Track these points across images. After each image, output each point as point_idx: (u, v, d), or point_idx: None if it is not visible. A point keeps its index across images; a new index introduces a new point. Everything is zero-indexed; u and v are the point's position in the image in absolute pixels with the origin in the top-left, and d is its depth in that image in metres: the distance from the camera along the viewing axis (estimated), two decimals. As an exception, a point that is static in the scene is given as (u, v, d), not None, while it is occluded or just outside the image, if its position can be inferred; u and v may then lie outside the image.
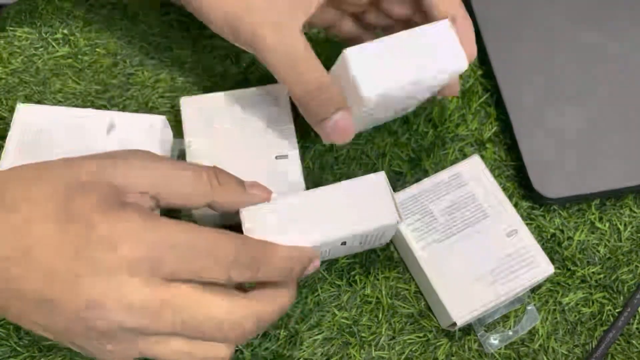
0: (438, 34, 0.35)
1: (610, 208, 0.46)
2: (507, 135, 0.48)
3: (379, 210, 0.35)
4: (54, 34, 0.49)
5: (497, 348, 0.42)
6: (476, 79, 0.49)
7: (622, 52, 0.48)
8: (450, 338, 0.42)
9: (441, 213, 0.41)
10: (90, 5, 0.50)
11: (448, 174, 0.42)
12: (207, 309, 0.29)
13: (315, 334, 0.42)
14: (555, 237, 0.45)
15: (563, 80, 0.47)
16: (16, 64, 0.48)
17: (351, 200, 0.35)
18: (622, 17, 0.49)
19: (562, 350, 0.42)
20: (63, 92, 0.47)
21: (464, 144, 0.47)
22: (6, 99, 0.47)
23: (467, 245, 0.41)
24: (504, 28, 0.49)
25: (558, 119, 0.46)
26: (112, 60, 0.48)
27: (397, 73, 0.34)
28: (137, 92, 0.47)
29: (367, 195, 0.36)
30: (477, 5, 0.49)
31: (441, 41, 0.35)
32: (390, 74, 0.34)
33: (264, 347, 0.42)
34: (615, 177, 0.45)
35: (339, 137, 0.37)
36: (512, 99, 0.47)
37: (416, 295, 0.43)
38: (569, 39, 0.48)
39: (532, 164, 0.45)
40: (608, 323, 0.43)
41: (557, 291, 0.44)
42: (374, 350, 0.42)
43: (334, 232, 0.35)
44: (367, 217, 0.35)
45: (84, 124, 0.40)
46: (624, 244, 0.45)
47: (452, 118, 0.48)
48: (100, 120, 0.40)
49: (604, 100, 0.47)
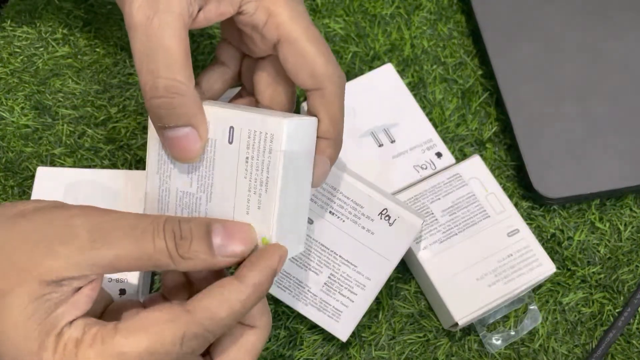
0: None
1: (610, 208, 0.46)
2: (507, 135, 0.48)
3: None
4: (54, 34, 0.49)
5: (499, 348, 0.42)
6: (476, 79, 0.49)
7: (622, 52, 0.48)
8: (450, 338, 0.42)
9: (442, 213, 0.41)
10: (90, 5, 0.50)
11: (448, 174, 0.42)
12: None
13: (315, 333, 0.42)
14: (555, 237, 0.45)
15: (563, 80, 0.47)
16: (16, 64, 0.48)
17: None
18: (623, 17, 0.49)
19: (562, 350, 0.42)
20: (63, 92, 0.47)
21: (464, 144, 0.47)
22: (6, 99, 0.47)
23: (468, 245, 0.41)
24: (504, 28, 0.49)
25: (558, 119, 0.46)
26: (112, 60, 0.48)
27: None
28: (137, 92, 0.47)
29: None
30: (477, 5, 0.49)
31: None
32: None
33: (264, 347, 0.42)
34: (615, 177, 0.45)
35: (179, 154, 0.31)
36: (512, 99, 0.47)
37: (416, 295, 0.43)
38: (569, 39, 0.48)
39: (532, 164, 0.45)
40: (608, 323, 0.43)
41: (557, 291, 0.44)
42: (374, 350, 0.42)
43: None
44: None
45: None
46: (624, 244, 0.45)
47: (452, 118, 0.48)
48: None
49: (604, 100, 0.47)
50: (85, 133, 0.46)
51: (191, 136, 0.31)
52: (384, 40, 0.50)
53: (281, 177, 0.30)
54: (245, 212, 0.31)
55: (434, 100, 0.48)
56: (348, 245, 0.37)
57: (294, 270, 0.38)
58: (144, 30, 0.29)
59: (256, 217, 0.31)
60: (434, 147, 0.43)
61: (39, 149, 0.45)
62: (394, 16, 0.51)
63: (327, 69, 0.32)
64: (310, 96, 0.33)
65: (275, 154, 0.30)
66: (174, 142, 0.31)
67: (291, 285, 0.38)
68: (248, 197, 0.31)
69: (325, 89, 0.32)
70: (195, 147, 0.31)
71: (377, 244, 0.37)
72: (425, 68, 0.49)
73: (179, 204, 0.33)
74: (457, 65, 0.50)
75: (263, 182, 0.30)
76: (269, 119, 0.30)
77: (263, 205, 0.30)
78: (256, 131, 0.30)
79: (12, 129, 0.46)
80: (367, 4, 0.51)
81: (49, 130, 0.46)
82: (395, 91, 0.45)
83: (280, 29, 0.32)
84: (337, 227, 0.37)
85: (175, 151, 0.31)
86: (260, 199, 0.30)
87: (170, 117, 0.30)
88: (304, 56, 0.32)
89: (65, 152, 0.45)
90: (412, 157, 0.43)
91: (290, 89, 0.35)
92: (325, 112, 0.33)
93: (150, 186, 0.33)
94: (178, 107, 0.30)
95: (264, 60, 0.35)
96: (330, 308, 0.38)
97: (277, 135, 0.30)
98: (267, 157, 0.30)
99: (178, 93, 0.30)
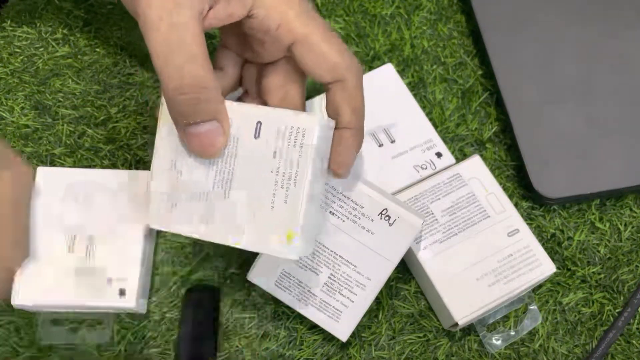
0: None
1: (610, 208, 0.46)
2: (507, 135, 0.48)
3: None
4: (54, 34, 0.49)
5: (499, 348, 0.42)
6: (476, 79, 0.49)
7: (623, 52, 0.48)
8: (450, 338, 0.42)
9: (442, 213, 0.41)
10: (90, 5, 0.50)
11: (448, 174, 0.42)
12: None
13: (315, 333, 0.42)
14: (555, 237, 0.45)
15: (563, 80, 0.47)
16: (16, 63, 0.48)
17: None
18: (623, 17, 0.49)
19: (562, 350, 0.42)
20: (63, 92, 0.47)
21: (464, 144, 0.47)
22: (6, 99, 0.47)
23: (468, 245, 0.41)
24: (504, 28, 0.49)
25: (558, 119, 0.46)
26: (112, 60, 0.48)
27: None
28: (137, 92, 0.47)
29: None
30: (477, 5, 0.49)
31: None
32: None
33: (264, 347, 0.42)
34: (615, 177, 0.45)
35: (202, 150, 0.32)
36: (512, 99, 0.47)
37: (416, 295, 0.43)
38: (569, 38, 0.48)
39: (532, 164, 0.45)
40: (608, 323, 0.43)
41: (557, 291, 0.44)
42: (374, 350, 0.42)
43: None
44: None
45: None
46: (624, 244, 0.45)
47: (452, 118, 0.48)
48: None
49: (604, 100, 0.47)
50: (85, 133, 0.46)
51: (216, 131, 0.31)
52: (384, 40, 0.50)
53: (311, 170, 0.31)
54: (270, 207, 0.31)
55: (434, 100, 0.48)
56: (348, 245, 0.37)
57: (294, 271, 0.38)
58: (163, 28, 0.29)
59: (282, 211, 0.31)
60: (434, 147, 0.43)
61: (39, 149, 0.45)
62: (394, 16, 0.51)
63: (346, 61, 0.33)
64: (331, 89, 0.33)
65: (306, 148, 0.31)
66: (198, 138, 0.31)
67: (291, 285, 0.38)
68: (274, 191, 0.31)
69: (346, 81, 0.33)
70: (219, 142, 0.32)
71: (377, 244, 0.37)
72: (425, 68, 0.49)
73: (192, 200, 0.33)
74: (457, 65, 0.50)
75: (292, 176, 0.31)
76: (300, 114, 0.31)
77: (291, 198, 0.31)
78: (286, 126, 0.31)
79: (12, 129, 0.46)
80: (367, 4, 0.51)
81: (49, 130, 0.46)
82: (395, 91, 0.45)
83: (294, 31, 0.33)
84: (337, 227, 0.37)
85: (198, 147, 0.32)
86: (288, 192, 0.31)
87: (197, 113, 0.31)
88: (322, 53, 0.33)
89: (65, 152, 0.45)
90: (412, 157, 0.43)
91: (301, 89, 0.36)
92: (348, 104, 0.33)
93: (156, 184, 0.33)
94: (204, 102, 0.30)
95: (272, 64, 0.35)
96: (330, 308, 0.38)
97: (310, 130, 0.30)
98: (297, 152, 0.31)
99: (205, 87, 0.30)
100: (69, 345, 0.41)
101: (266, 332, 0.42)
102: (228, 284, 0.43)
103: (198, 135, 0.31)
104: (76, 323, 0.42)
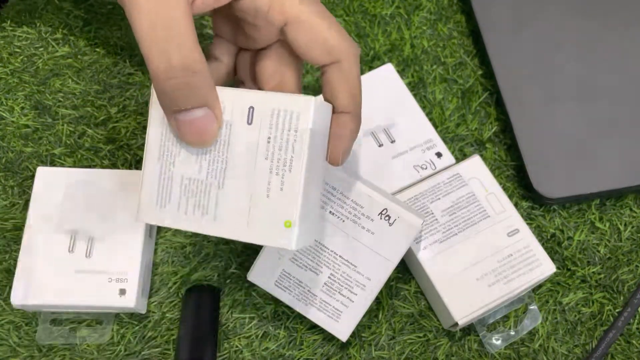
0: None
1: (610, 208, 0.46)
2: (507, 135, 0.48)
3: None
4: (54, 34, 0.49)
5: (499, 348, 0.42)
6: (476, 79, 0.49)
7: (623, 52, 0.48)
8: (450, 338, 0.42)
9: (442, 213, 0.41)
10: (90, 5, 0.50)
11: (448, 174, 0.42)
12: None
13: (315, 333, 0.42)
14: (555, 237, 0.45)
15: (563, 80, 0.47)
16: (16, 63, 0.48)
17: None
18: (623, 17, 0.49)
19: (562, 350, 0.42)
20: (63, 92, 0.47)
21: (464, 144, 0.47)
22: (6, 99, 0.47)
23: (468, 245, 0.41)
24: (504, 28, 0.49)
25: (558, 119, 0.46)
26: (112, 60, 0.48)
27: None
28: (137, 92, 0.47)
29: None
30: (477, 5, 0.49)
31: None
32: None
33: (264, 347, 0.42)
34: (615, 177, 0.45)
35: (193, 138, 0.30)
36: (512, 99, 0.47)
37: (416, 295, 0.43)
38: (569, 38, 0.48)
39: (532, 164, 0.45)
40: (608, 323, 0.43)
41: (557, 291, 0.44)
42: (374, 350, 0.42)
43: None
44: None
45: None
46: (624, 244, 0.45)
47: (452, 118, 0.48)
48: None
49: (604, 100, 0.47)
50: (85, 133, 0.46)
51: (208, 117, 0.30)
52: (384, 40, 0.50)
53: (307, 155, 0.29)
54: (265, 195, 0.30)
55: (434, 100, 0.48)
56: (348, 245, 0.38)
57: (294, 271, 0.38)
58: (150, 11, 0.28)
59: (278, 199, 0.30)
60: (434, 147, 0.43)
61: (39, 149, 0.45)
62: (394, 16, 0.51)
63: (342, 42, 0.31)
64: (327, 72, 0.32)
65: (301, 132, 0.29)
66: (189, 125, 0.30)
67: (291, 285, 0.38)
68: (269, 179, 0.30)
69: (343, 62, 0.31)
70: (212, 129, 0.30)
71: (377, 244, 0.37)
72: (425, 68, 0.49)
73: (184, 191, 0.31)
74: (457, 65, 0.50)
75: (287, 162, 0.29)
76: (294, 96, 0.29)
77: (286, 186, 0.29)
78: (280, 110, 0.29)
79: (12, 129, 0.46)
80: (367, 4, 0.51)
81: (49, 130, 0.46)
82: (395, 91, 0.45)
83: (287, 11, 0.31)
84: (337, 227, 0.37)
85: (189, 135, 0.30)
86: (284, 179, 0.29)
87: (187, 98, 0.29)
88: (317, 33, 0.31)
89: (65, 152, 0.45)
90: (412, 157, 0.43)
91: (297, 73, 0.34)
92: (344, 86, 0.32)
93: (148, 175, 0.32)
94: (195, 87, 0.29)
95: (265, 49, 0.34)
96: (330, 308, 0.38)
97: (304, 113, 0.29)
98: (292, 136, 0.29)
99: (196, 71, 0.29)
100: (68, 345, 0.41)
101: (266, 332, 0.42)
102: (228, 284, 0.43)
103: (189, 123, 0.30)
104: (76, 323, 0.42)
